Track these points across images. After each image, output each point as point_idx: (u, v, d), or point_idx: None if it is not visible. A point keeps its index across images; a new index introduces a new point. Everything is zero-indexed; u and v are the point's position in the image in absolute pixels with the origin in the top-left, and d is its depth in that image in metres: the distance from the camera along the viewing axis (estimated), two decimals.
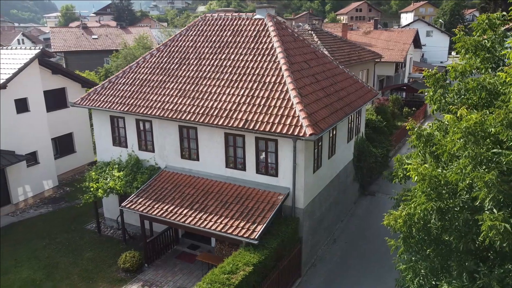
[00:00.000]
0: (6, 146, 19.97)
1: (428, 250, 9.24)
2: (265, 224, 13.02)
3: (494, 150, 7.63)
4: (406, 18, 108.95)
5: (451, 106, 9.09)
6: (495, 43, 10.53)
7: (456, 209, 8.28)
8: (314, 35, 29.79)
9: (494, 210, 7.35)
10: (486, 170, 7.46)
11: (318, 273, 15.60)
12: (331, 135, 16.13)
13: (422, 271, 9.52)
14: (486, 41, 10.70)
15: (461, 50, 11.07)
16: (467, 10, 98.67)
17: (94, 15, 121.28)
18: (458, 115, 7.90)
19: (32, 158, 21.47)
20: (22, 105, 20.90)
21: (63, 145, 24.80)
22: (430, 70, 10.46)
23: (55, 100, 23.69)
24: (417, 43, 48.17)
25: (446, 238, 8.52)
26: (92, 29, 48.85)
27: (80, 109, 19.24)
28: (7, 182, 20.39)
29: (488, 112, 8.15)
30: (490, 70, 10.62)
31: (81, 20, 57.23)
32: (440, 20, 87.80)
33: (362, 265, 16.05)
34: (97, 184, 16.79)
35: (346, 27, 41.69)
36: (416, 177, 8.57)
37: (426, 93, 10.87)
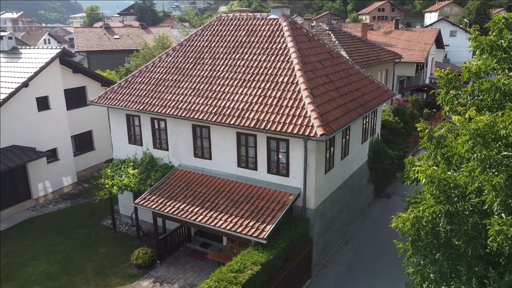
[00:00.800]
0: (27, 143, 20.60)
1: (437, 254, 9.08)
2: (274, 224, 13.01)
3: (504, 153, 7.43)
4: (430, 17, 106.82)
5: (459, 107, 8.88)
6: None
7: (465, 212, 8.11)
8: (332, 35, 29.56)
9: (503, 214, 7.16)
10: (495, 173, 7.27)
11: (328, 274, 15.50)
12: (344, 135, 15.99)
13: (432, 275, 9.35)
14: (502, 41, 10.41)
15: (477, 51, 10.84)
16: (494, 9, 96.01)
17: (118, 15, 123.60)
18: (466, 116, 7.72)
19: (52, 155, 22.09)
20: (43, 103, 21.51)
21: (83, 142, 25.39)
22: (443, 70, 10.25)
23: (76, 98, 24.23)
24: (439, 43, 47.14)
25: (456, 243, 8.33)
26: (114, 29, 49.78)
27: (99, 107, 19.64)
28: (28, 178, 21.00)
29: (500, 114, 7.94)
30: (507, 71, 10.34)
31: (103, 20, 58.34)
32: (465, 19, 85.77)
33: (373, 267, 15.85)
34: (112, 181, 17.12)
35: (366, 27, 41.20)
36: (424, 180, 8.42)
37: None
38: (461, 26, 72.94)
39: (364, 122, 18.13)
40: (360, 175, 18.78)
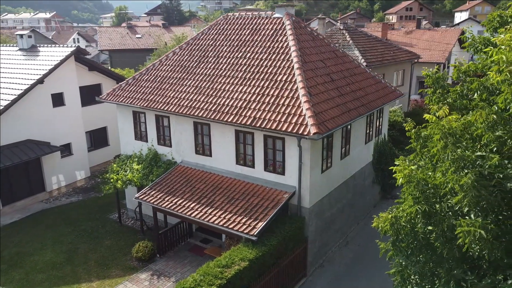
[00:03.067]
0: (42, 137, 21.41)
1: (420, 256, 8.98)
2: (266, 221, 13.09)
3: (478, 153, 7.29)
4: (461, 17, 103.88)
5: (431, 105, 8.76)
6: None
7: (442, 213, 8.00)
8: (346, 34, 29.28)
9: (472, 215, 7.03)
10: (467, 173, 7.14)
11: (325, 274, 15.43)
12: (343, 135, 15.87)
13: (416, 277, 9.26)
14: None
15: (470, 49, 10.68)
16: None
17: (145, 15, 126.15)
18: (437, 115, 7.62)
19: (66, 150, 22.86)
20: (58, 99, 22.30)
21: (98, 138, 26.13)
22: (431, 69, 10.09)
23: (91, 95, 24.86)
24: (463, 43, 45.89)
25: (437, 244, 8.23)
26: (136, 29, 50.87)
27: (114, 104, 20.12)
28: (42, 171, 21.83)
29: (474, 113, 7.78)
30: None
31: (126, 20, 59.74)
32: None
33: (372, 268, 15.65)
34: (117, 175, 17.61)
35: (386, 26, 40.50)
36: (401, 179, 8.37)
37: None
38: None
39: (368, 122, 17.92)
40: (364, 176, 18.57)
